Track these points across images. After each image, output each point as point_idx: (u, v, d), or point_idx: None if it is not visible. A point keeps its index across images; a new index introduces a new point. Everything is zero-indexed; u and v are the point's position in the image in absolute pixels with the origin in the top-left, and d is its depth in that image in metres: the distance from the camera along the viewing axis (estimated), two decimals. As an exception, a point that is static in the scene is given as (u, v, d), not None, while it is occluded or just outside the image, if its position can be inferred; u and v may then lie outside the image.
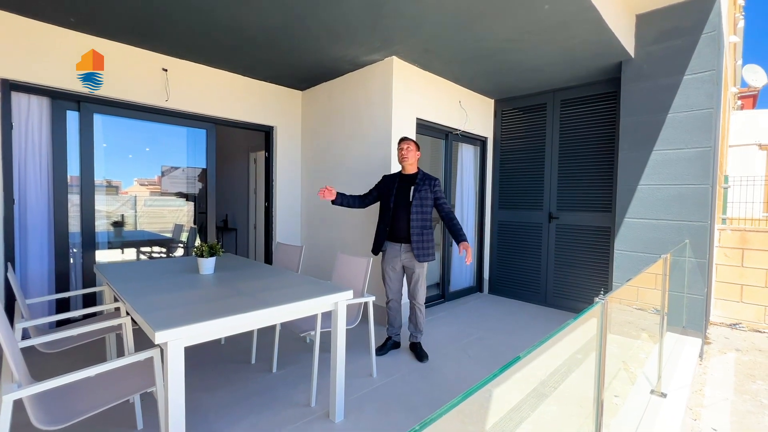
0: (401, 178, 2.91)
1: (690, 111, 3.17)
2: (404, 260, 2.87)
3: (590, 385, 2.78)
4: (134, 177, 3.97)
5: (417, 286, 2.90)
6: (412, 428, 0.48)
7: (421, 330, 2.98)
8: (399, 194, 2.85)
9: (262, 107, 4.34)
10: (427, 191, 2.83)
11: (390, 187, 2.90)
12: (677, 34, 3.20)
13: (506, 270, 4.85)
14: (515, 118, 4.75)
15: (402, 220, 2.82)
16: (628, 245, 3.50)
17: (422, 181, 2.85)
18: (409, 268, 2.89)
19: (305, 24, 2.88)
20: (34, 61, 2.91)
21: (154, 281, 2.21)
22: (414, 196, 2.80)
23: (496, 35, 3.03)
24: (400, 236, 2.84)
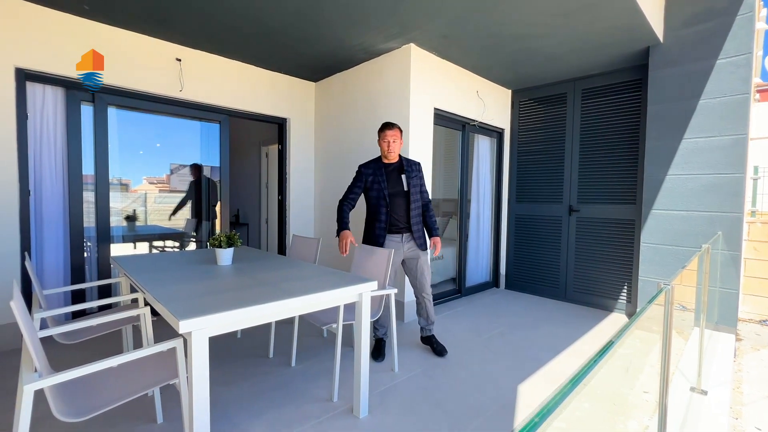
0: (386, 167, 2.72)
1: (723, 97, 3.02)
2: (407, 251, 2.72)
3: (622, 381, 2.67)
4: (143, 175, 3.94)
5: (423, 276, 2.76)
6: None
7: (433, 321, 2.86)
8: (391, 184, 2.68)
9: (276, 99, 4.27)
10: (416, 177, 2.75)
11: (377, 179, 2.67)
12: (710, 16, 3.06)
13: (524, 265, 4.74)
14: (533, 109, 4.62)
15: (400, 210, 2.68)
16: (657, 238, 3.36)
17: (410, 167, 2.74)
18: (412, 259, 2.75)
19: (321, 9, 2.80)
20: (49, 50, 2.87)
21: (173, 272, 2.15)
22: (410, 185, 2.69)
23: (519, 19, 2.91)
24: (399, 227, 2.69)
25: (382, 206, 2.67)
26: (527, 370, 2.61)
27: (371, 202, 2.73)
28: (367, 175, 2.71)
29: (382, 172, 2.69)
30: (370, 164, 2.75)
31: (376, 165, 2.73)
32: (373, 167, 2.73)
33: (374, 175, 2.70)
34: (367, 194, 2.73)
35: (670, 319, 1.02)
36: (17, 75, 2.78)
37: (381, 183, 2.67)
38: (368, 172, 2.72)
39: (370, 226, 2.73)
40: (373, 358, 2.69)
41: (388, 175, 2.69)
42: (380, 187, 2.67)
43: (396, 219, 2.69)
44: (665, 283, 1.00)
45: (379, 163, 2.74)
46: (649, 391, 2.47)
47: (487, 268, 4.90)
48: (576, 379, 0.55)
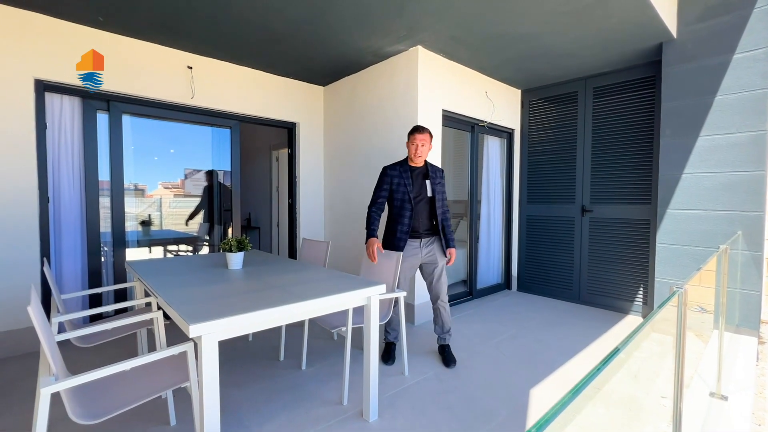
0: (411, 170, 2.69)
1: (741, 92, 2.94)
2: (425, 256, 2.68)
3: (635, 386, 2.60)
4: (159, 180, 4.03)
5: (440, 282, 2.71)
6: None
7: (449, 330, 2.77)
8: (416, 188, 2.66)
9: (285, 103, 4.32)
10: (440, 184, 2.74)
11: (403, 182, 2.65)
12: (725, 10, 2.98)
13: (536, 266, 4.67)
14: (544, 109, 4.57)
15: (422, 215, 2.66)
16: (673, 238, 3.28)
17: (434, 173, 2.73)
18: (430, 264, 2.71)
19: (329, 14, 2.82)
20: (66, 61, 2.95)
21: (185, 276, 2.18)
22: (435, 191, 2.68)
23: (528, 18, 2.88)
24: (420, 232, 2.66)
25: (407, 209, 2.63)
26: (540, 374, 2.57)
27: (394, 205, 2.68)
28: (392, 177, 2.68)
29: (408, 175, 2.66)
30: (396, 166, 2.72)
31: (402, 167, 2.69)
32: (398, 169, 2.69)
33: (399, 178, 2.66)
34: (391, 196, 2.69)
35: (684, 323, 0.99)
36: (36, 86, 2.88)
37: (406, 186, 2.64)
38: (393, 174, 2.68)
39: (392, 229, 2.68)
40: (383, 362, 2.69)
41: (414, 179, 2.67)
42: (405, 190, 2.64)
43: (418, 224, 2.66)
44: (678, 286, 0.97)
45: (404, 166, 2.70)
46: (667, 397, 2.40)
47: (499, 270, 4.84)
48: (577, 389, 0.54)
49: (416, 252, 2.67)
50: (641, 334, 1.16)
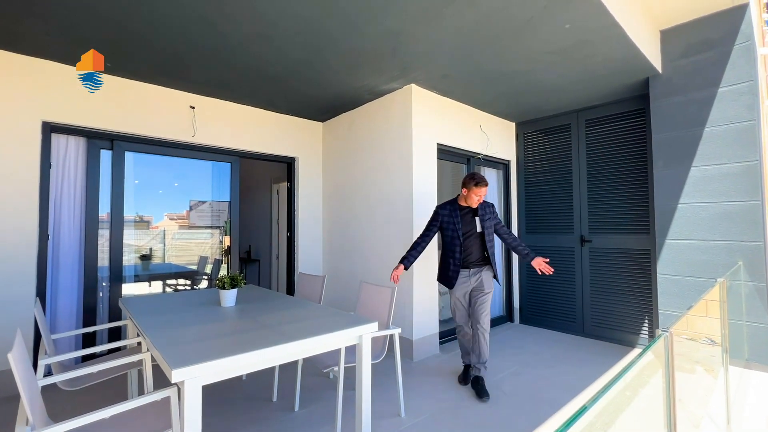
0: (461, 209, 2.90)
1: (729, 124, 2.99)
2: (474, 285, 2.86)
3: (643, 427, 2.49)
4: (164, 212, 4.09)
5: (482, 308, 2.84)
6: None
7: (485, 362, 2.85)
8: (465, 225, 2.85)
9: (285, 139, 4.43)
10: (489, 219, 2.90)
11: (453, 221, 2.87)
12: (707, 47, 3.09)
13: (538, 298, 4.59)
14: (538, 140, 4.65)
15: (472, 248, 2.84)
16: (673, 269, 3.23)
17: (483, 209, 2.90)
18: (478, 292, 2.86)
19: (325, 57, 2.95)
20: (73, 104, 3.08)
21: (176, 314, 2.17)
22: (484, 227, 2.85)
23: (516, 57, 3.00)
24: (469, 263, 2.85)
25: (456, 245, 2.83)
26: (543, 413, 2.46)
27: (446, 241, 2.90)
28: (443, 216, 2.90)
29: (457, 214, 2.87)
30: (446, 206, 2.93)
31: (452, 207, 2.91)
32: (448, 209, 2.90)
33: (450, 216, 2.87)
34: (443, 233, 2.92)
35: (672, 367, 0.96)
36: (44, 128, 2.99)
37: (456, 224, 2.84)
38: (444, 213, 2.90)
39: (445, 263, 2.91)
40: (461, 383, 2.93)
41: (463, 217, 2.87)
42: (455, 227, 2.84)
43: (468, 256, 2.84)
44: (663, 329, 0.95)
45: (454, 205, 2.91)
46: (678, 438, 2.28)
47: (500, 302, 4.76)
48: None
49: (466, 280, 2.86)
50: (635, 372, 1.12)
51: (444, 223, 2.89)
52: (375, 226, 3.91)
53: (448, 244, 2.89)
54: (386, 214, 3.77)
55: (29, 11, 2.31)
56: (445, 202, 2.99)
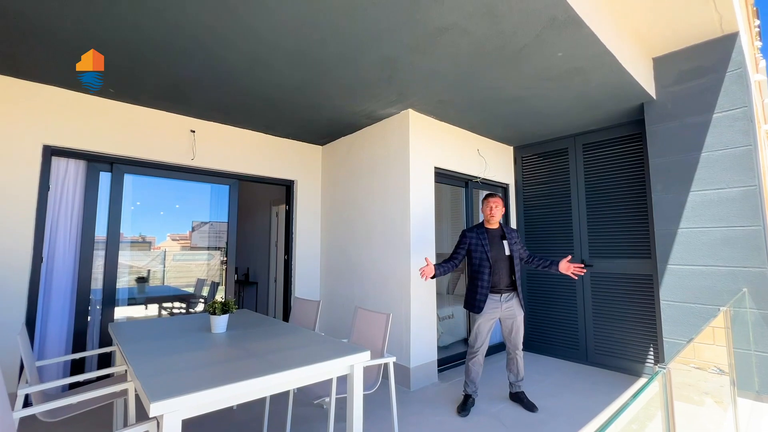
0: (488, 232, 2.93)
1: (725, 149, 2.99)
2: (504, 311, 2.86)
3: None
4: (167, 232, 4.11)
5: (518, 334, 2.91)
6: None
7: (522, 377, 3.00)
8: (494, 248, 2.87)
9: (283, 162, 4.46)
10: (517, 244, 2.95)
11: (480, 243, 2.88)
12: (699, 74, 3.13)
13: (539, 324, 4.48)
14: (536, 164, 4.67)
15: (501, 272, 2.85)
16: (676, 295, 3.16)
17: (510, 234, 2.96)
18: (508, 318, 2.88)
19: (323, 83, 3.01)
20: (75, 128, 3.13)
21: (164, 341, 2.11)
22: (512, 250, 2.88)
23: (511, 84, 3.05)
24: (500, 288, 2.85)
25: (485, 268, 2.83)
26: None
27: (474, 264, 2.90)
28: (470, 238, 2.93)
29: (485, 236, 2.90)
30: (473, 229, 2.98)
31: (479, 230, 2.94)
32: (476, 231, 2.94)
33: (477, 239, 2.90)
34: (470, 256, 2.92)
35: (671, 406, 0.90)
36: (44, 152, 3.02)
37: (484, 246, 2.86)
38: (471, 236, 2.93)
39: (473, 288, 2.90)
40: (457, 412, 2.83)
41: (491, 240, 2.89)
42: (483, 250, 2.86)
43: (497, 280, 2.84)
44: (660, 366, 0.90)
45: (481, 229, 2.95)
46: (689, 477, 2.15)
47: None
48: None
49: (497, 306, 2.84)
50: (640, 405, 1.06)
51: (472, 246, 2.91)
52: (372, 250, 3.87)
53: (476, 267, 2.88)
54: (384, 238, 3.74)
55: (33, 39, 2.38)
56: (471, 226, 3.06)
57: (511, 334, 2.93)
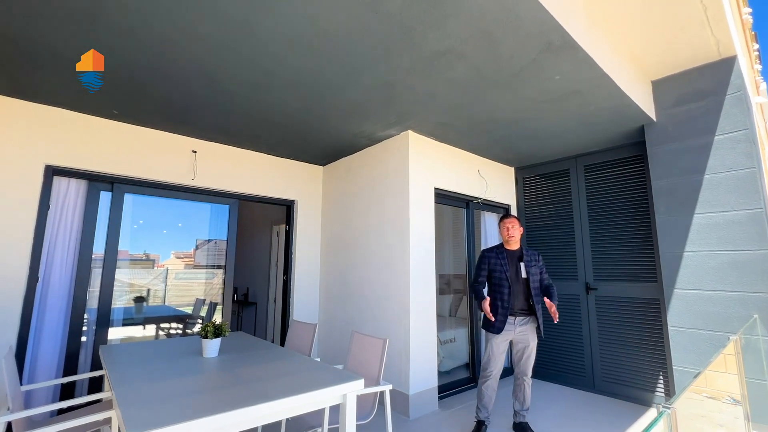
0: (508, 252, 2.92)
1: (729, 171, 2.95)
2: (518, 334, 2.81)
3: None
4: (172, 250, 4.11)
5: (529, 360, 2.85)
6: None
7: (528, 406, 2.92)
8: (512, 269, 2.86)
9: (284, 182, 4.48)
10: (536, 266, 2.88)
11: (500, 262, 2.88)
12: (699, 97, 3.13)
13: (544, 349, 4.34)
14: (538, 185, 4.64)
15: (517, 295, 2.81)
16: (685, 321, 3.06)
17: (529, 256, 2.91)
18: (521, 342, 2.83)
19: (321, 106, 3.04)
20: (77, 148, 3.17)
21: (153, 365, 2.05)
22: (529, 273, 2.84)
23: (510, 106, 3.06)
24: (516, 310, 2.81)
25: (505, 288, 2.81)
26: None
27: (494, 283, 2.89)
28: (489, 258, 2.93)
29: (504, 257, 2.89)
30: (493, 249, 2.98)
31: (498, 250, 2.95)
32: (495, 251, 2.95)
33: (496, 259, 2.90)
34: (491, 276, 2.91)
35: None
36: (46, 171, 3.05)
37: (503, 266, 2.86)
38: (491, 255, 2.94)
39: (493, 307, 2.83)
40: None
41: (510, 261, 2.88)
42: (502, 269, 2.85)
43: (514, 302, 2.81)
44: (665, 406, 0.84)
45: (500, 249, 2.95)
46: None
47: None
48: None
49: (511, 328, 2.80)
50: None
51: (492, 265, 2.91)
52: (371, 271, 3.82)
53: (496, 286, 2.87)
54: (383, 260, 3.69)
55: (39, 62, 2.43)
56: (492, 246, 3.06)
57: (521, 359, 2.86)
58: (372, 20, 2.00)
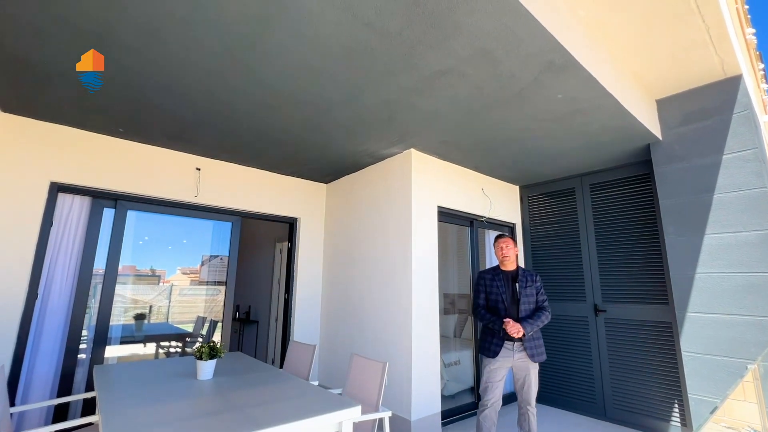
0: (504, 274, 2.84)
1: (739, 191, 2.87)
2: (516, 360, 2.67)
3: None
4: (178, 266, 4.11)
5: (530, 389, 2.68)
6: None
7: None
8: (509, 291, 2.77)
9: (287, 200, 4.47)
10: (531, 287, 2.78)
11: (495, 284, 2.81)
12: (705, 116, 3.09)
13: (552, 373, 4.19)
14: (543, 204, 4.59)
15: (512, 318, 2.68)
16: (698, 346, 2.93)
17: (524, 277, 2.80)
18: (520, 370, 2.69)
19: (323, 124, 3.05)
20: (83, 166, 3.20)
21: (144, 388, 2.00)
22: (520, 293, 2.73)
23: (512, 124, 3.04)
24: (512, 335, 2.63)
25: (501, 309, 2.72)
26: None
27: (490, 306, 2.80)
28: (486, 279, 2.86)
29: (500, 278, 2.82)
30: (489, 271, 2.92)
31: (494, 272, 2.88)
32: (491, 273, 2.88)
33: (492, 279, 2.83)
34: (488, 299, 2.83)
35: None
36: (51, 188, 3.07)
37: (499, 288, 2.78)
38: (487, 277, 2.87)
39: (488, 330, 2.76)
40: None
41: (506, 283, 2.80)
42: (498, 291, 2.77)
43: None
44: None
45: (497, 270, 2.88)
46: None
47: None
48: None
49: (509, 354, 2.67)
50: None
51: (488, 287, 2.84)
52: (373, 291, 3.75)
53: (492, 309, 2.79)
54: (385, 279, 3.63)
55: (50, 84, 2.48)
56: (488, 267, 2.99)
57: (522, 388, 2.71)
58: (372, 40, 2.01)
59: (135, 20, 1.87)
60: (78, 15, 1.85)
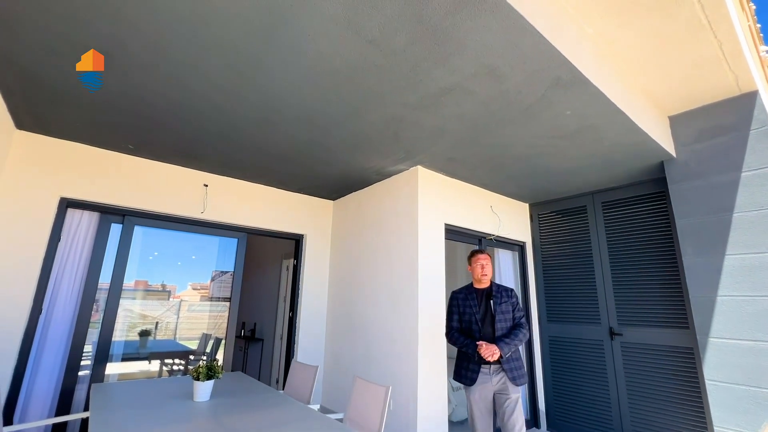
0: (477, 292, 2.69)
1: (761, 209, 2.75)
2: (497, 386, 2.48)
3: None
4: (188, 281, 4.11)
5: (513, 417, 2.42)
6: None
7: None
8: (482, 309, 2.61)
9: (293, 216, 4.46)
10: (507, 304, 2.63)
11: (469, 304, 2.65)
12: (720, 132, 3.00)
13: (566, 399, 3.99)
14: (554, 222, 4.48)
15: (488, 339, 2.51)
16: (723, 374, 2.75)
17: (498, 293, 2.66)
18: (502, 395, 2.48)
19: (328, 142, 3.05)
20: (92, 182, 3.24)
21: (140, 409, 1.94)
22: (496, 311, 2.57)
23: (521, 142, 3.00)
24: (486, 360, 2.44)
25: (475, 331, 2.56)
26: None
27: (463, 328, 2.65)
28: (458, 299, 2.72)
29: (474, 297, 2.68)
30: (462, 290, 2.77)
31: (467, 290, 2.73)
32: (464, 292, 2.74)
33: (465, 299, 2.69)
34: (461, 320, 2.67)
35: None
36: (60, 203, 3.11)
37: (473, 307, 2.63)
38: (459, 297, 2.73)
39: (463, 355, 2.61)
40: None
41: (479, 301, 2.66)
42: (471, 311, 2.62)
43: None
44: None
45: (470, 289, 2.74)
46: None
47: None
48: None
49: (487, 379, 2.49)
50: None
51: (461, 307, 2.68)
52: (379, 310, 3.66)
53: (465, 331, 2.62)
54: (391, 298, 3.55)
55: (62, 102, 2.54)
56: (461, 287, 2.82)
57: (505, 417, 2.44)
58: (377, 57, 2.01)
59: (146, 38, 1.91)
60: (90, 35, 1.89)
